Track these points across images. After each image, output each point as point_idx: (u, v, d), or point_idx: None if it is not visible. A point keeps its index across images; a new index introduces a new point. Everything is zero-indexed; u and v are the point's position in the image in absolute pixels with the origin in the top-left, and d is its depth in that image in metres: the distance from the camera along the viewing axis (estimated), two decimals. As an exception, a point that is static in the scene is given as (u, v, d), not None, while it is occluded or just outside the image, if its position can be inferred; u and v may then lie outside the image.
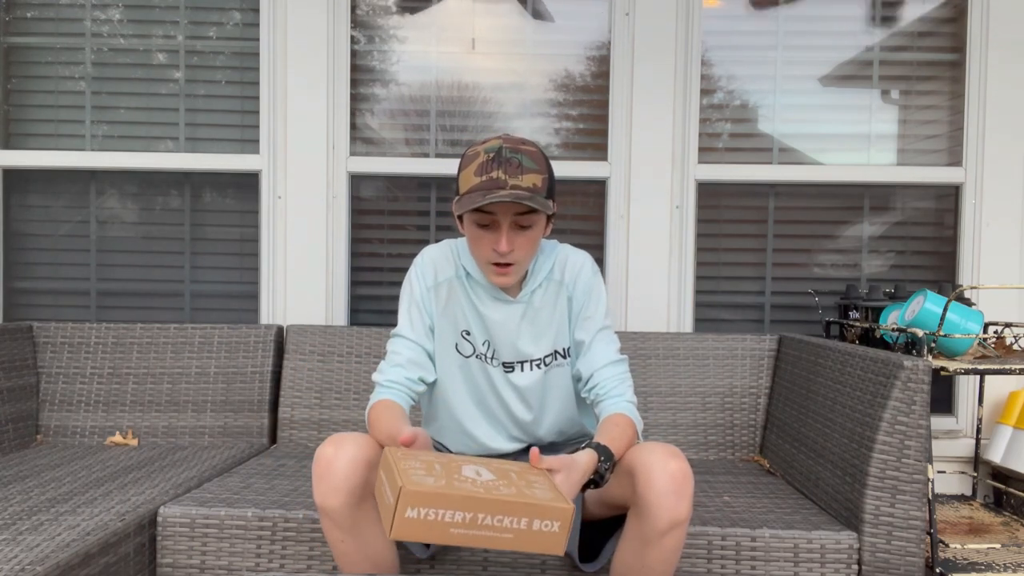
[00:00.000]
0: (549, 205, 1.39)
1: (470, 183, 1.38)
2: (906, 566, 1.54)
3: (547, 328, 1.54)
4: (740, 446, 2.18)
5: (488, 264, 1.44)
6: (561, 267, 1.56)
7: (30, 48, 2.50)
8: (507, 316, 1.53)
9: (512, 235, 1.40)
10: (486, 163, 1.37)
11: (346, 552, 1.36)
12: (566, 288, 1.55)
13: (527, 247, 1.43)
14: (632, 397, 1.48)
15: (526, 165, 1.38)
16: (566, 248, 1.59)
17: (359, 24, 2.48)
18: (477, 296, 1.54)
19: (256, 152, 2.45)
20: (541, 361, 1.55)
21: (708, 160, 2.44)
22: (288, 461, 2.02)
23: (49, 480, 1.81)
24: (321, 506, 1.31)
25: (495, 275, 1.44)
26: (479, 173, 1.37)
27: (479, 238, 1.42)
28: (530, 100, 2.48)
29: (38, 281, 2.52)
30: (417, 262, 1.58)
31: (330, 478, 1.29)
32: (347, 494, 1.29)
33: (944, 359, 1.84)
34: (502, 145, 1.39)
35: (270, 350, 2.26)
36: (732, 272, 2.48)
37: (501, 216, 1.39)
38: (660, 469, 1.25)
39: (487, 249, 1.42)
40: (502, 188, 1.35)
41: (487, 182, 1.36)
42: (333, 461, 1.29)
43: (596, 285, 1.55)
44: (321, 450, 1.31)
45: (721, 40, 2.45)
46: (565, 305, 1.55)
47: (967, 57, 2.40)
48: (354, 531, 1.33)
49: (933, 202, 2.46)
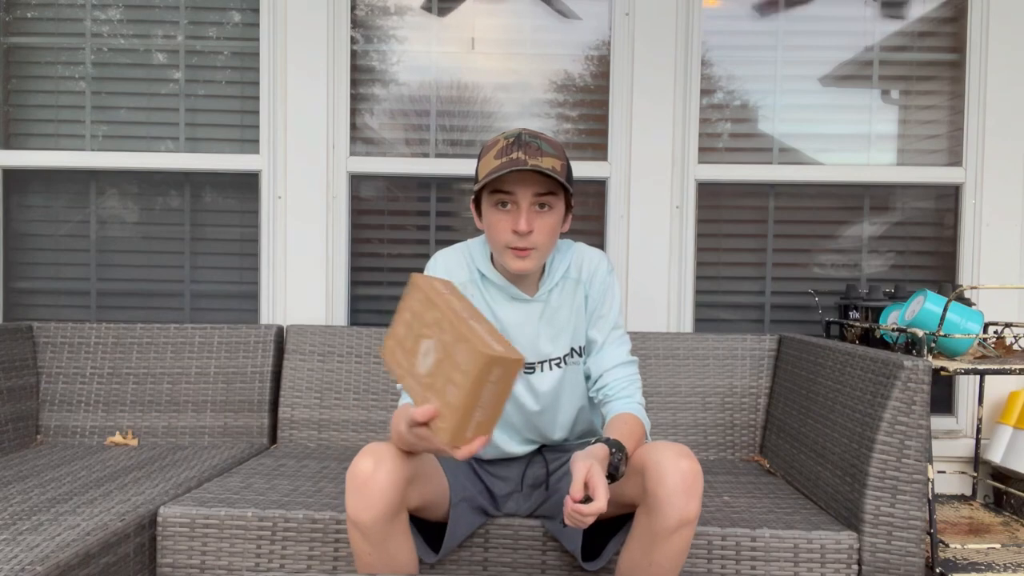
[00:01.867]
0: (569, 185, 1.40)
1: (490, 166, 1.38)
2: (906, 566, 1.54)
3: (565, 327, 1.54)
4: (740, 446, 2.18)
5: (507, 248, 1.42)
6: (578, 265, 1.56)
7: (30, 48, 2.50)
8: (525, 316, 1.52)
9: (532, 216, 1.40)
10: (506, 147, 1.39)
11: (371, 564, 1.34)
12: (583, 286, 1.55)
13: (547, 232, 1.42)
14: (641, 399, 1.48)
15: (545, 149, 1.39)
16: (582, 247, 1.60)
17: (359, 24, 2.48)
18: (493, 298, 1.53)
19: (256, 152, 2.45)
20: (561, 360, 1.55)
21: (708, 160, 2.44)
22: (288, 461, 2.02)
23: (49, 480, 1.81)
24: (354, 519, 1.28)
25: (514, 259, 1.43)
26: (499, 156, 1.38)
27: (498, 221, 1.42)
28: (530, 100, 2.48)
29: (38, 281, 2.52)
30: (429, 267, 1.57)
31: (367, 493, 1.26)
32: (382, 511, 1.27)
33: (944, 359, 1.84)
34: (522, 131, 1.41)
35: (270, 350, 2.26)
36: (732, 272, 2.48)
37: (521, 196, 1.39)
38: (672, 467, 1.25)
39: (506, 232, 1.41)
40: (523, 166, 1.35)
41: (507, 162, 1.36)
42: (372, 477, 1.26)
43: (612, 284, 1.56)
44: (359, 462, 1.28)
45: (721, 40, 2.45)
46: (582, 303, 1.55)
47: (967, 57, 2.40)
48: (383, 545, 1.32)
49: (933, 202, 2.46)
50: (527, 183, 1.39)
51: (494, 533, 1.58)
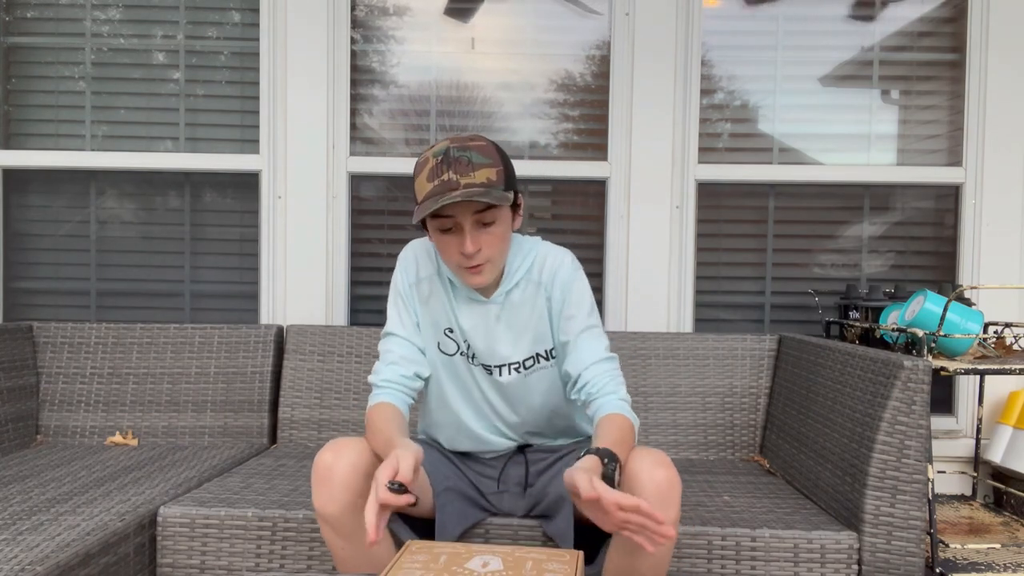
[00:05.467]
0: (507, 196, 1.35)
1: (424, 190, 1.35)
2: (906, 566, 1.54)
3: (525, 330, 1.51)
4: (740, 446, 2.18)
5: (459, 268, 1.42)
6: (540, 266, 1.51)
7: (30, 48, 2.50)
8: (481, 318, 1.50)
9: (476, 234, 1.37)
10: (435, 167, 1.34)
11: (346, 559, 1.35)
12: (544, 288, 1.50)
13: (495, 244, 1.40)
14: (625, 395, 1.41)
15: (476, 161, 1.34)
16: (546, 246, 1.54)
17: (359, 24, 2.48)
18: (454, 297, 1.51)
19: (256, 152, 2.45)
20: (520, 364, 1.51)
21: (708, 160, 2.44)
22: (288, 461, 2.02)
23: (49, 480, 1.81)
24: (321, 513, 1.30)
25: (469, 276, 1.42)
26: (431, 178, 1.34)
27: (445, 244, 1.40)
28: (530, 100, 2.48)
29: (38, 281, 2.52)
30: (400, 258, 1.56)
31: (329, 485, 1.28)
32: (347, 501, 1.28)
33: (944, 359, 1.84)
34: (449, 146, 1.36)
35: (270, 350, 2.26)
36: (732, 272, 2.48)
37: (461, 217, 1.36)
38: (647, 478, 1.23)
39: (455, 253, 1.39)
40: (454, 189, 1.31)
41: (439, 186, 1.33)
42: (332, 468, 1.28)
43: (575, 283, 1.49)
44: (320, 456, 1.30)
45: (721, 40, 2.45)
46: (544, 305, 1.50)
47: (967, 57, 2.40)
48: (354, 537, 1.32)
49: (933, 202, 2.46)
50: (464, 206, 1.35)
51: (494, 533, 1.58)
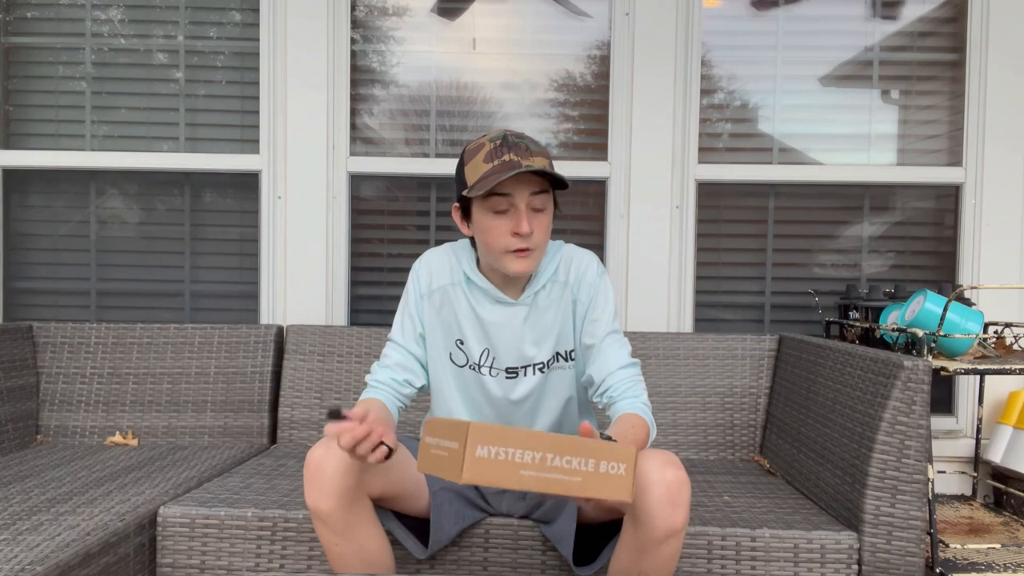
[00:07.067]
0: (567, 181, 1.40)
1: (481, 171, 1.37)
2: (906, 566, 1.54)
3: (550, 330, 1.53)
4: (740, 446, 2.18)
5: (507, 253, 1.42)
6: (566, 267, 1.54)
7: (30, 48, 2.50)
8: (509, 318, 1.52)
9: (530, 216, 1.40)
10: (494, 150, 1.37)
11: (340, 555, 1.35)
12: (571, 289, 1.53)
13: (544, 231, 1.43)
14: (646, 400, 1.45)
15: (533, 148, 1.39)
16: (571, 248, 1.57)
17: (359, 24, 2.48)
18: (477, 301, 1.52)
19: (256, 152, 2.45)
20: (544, 364, 1.53)
21: (708, 160, 2.44)
22: (288, 461, 2.02)
23: (49, 480, 1.81)
24: (313, 509, 1.30)
25: (515, 261, 1.42)
26: (488, 159, 1.36)
27: (495, 226, 1.41)
28: (530, 100, 2.48)
29: (38, 281, 2.52)
30: (415, 267, 1.58)
31: (321, 481, 1.28)
32: (338, 497, 1.29)
33: (944, 359, 1.84)
34: (506, 133, 1.40)
35: (270, 350, 2.26)
36: (732, 272, 2.48)
37: (518, 198, 1.38)
38: (656, 478, 1.23)
39: (505, 235, 1.40)
40: (520, 168, 1.34)
41: (501, 165, 1.35)
42: (323, 464, 1.28)
43: (602, 286, 1.53)
44: (311, 453, 1.30)
45: (721, 40, 2.45)
46: (569, 307, 1.53)
47: (967, 57, 2.40)
48: (347, 534, 1.33)
49: (933, 202, 2.46)
50: (522, 184, 1.38)
51: (494, 533, 1.58)
